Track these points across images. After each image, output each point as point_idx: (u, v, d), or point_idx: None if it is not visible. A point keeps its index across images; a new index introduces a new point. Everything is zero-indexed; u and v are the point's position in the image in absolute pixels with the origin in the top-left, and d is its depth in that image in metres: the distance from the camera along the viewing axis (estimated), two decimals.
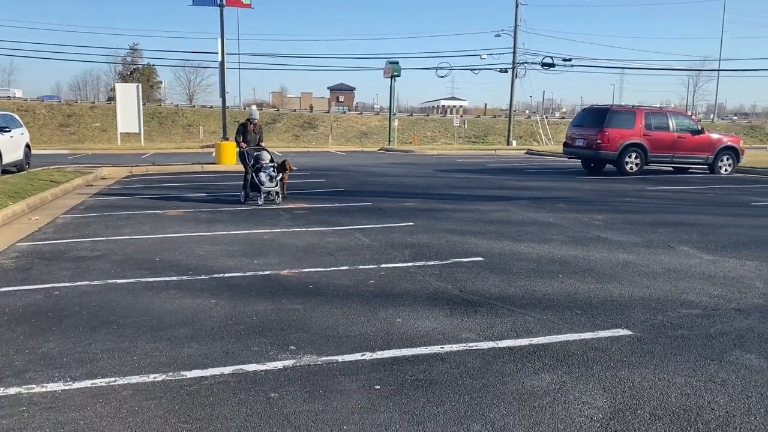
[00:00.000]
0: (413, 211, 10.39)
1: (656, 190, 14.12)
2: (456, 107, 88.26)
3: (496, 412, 3.27)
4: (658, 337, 4.44)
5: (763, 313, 4.98)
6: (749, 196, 13.12)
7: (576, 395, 3.49)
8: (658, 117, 17.97)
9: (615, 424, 3.16)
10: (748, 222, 9.59)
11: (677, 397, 3.48)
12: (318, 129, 50.72)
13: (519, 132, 48.42)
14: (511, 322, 4.73)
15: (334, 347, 4.19)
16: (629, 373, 3.80)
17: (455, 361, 3.97)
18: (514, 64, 39.83)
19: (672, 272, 6.29)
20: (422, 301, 5.28)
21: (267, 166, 11.45)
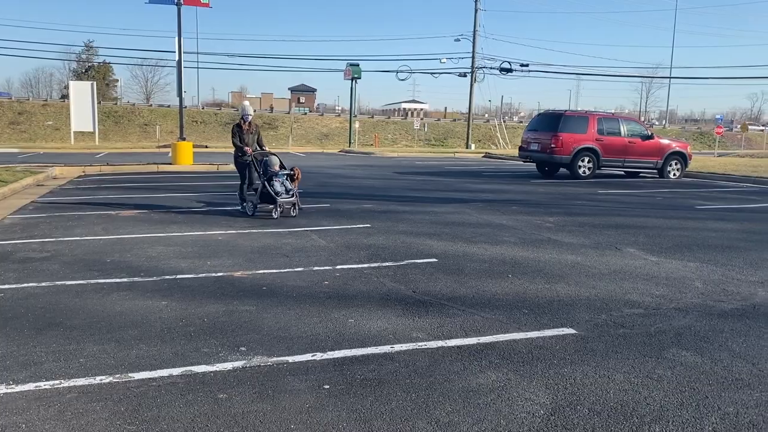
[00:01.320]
0: (371, 213, 10.45)
1: (607, 194, 14.52)
2: (417, 110, 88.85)
3: (442, 410, 3.35)
4: (600, 335, 4.60)
5: (701, 312, 5.20)
6: (695, 200, 13.61)
7: (520, 392, 3.59)
8: (610, 122, 18.47)
9: (555, 419, 3.27)
10: (692, 225, 9.95)
11: (616, 393, 3.62)
12: (278, 130, 50.39)
13: (478, 135, 49.05)
14: (460, 322, 4.83)
15: (285, 348, 4.21)
16: (571, 370, 3.93)
17: (404, 361, 4.04)
18: (473, 69, 40.34)
19: (617, 273, 6.50)
20: (375, 301, 5.34)
21: (279, 173, 9.97)
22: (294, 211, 9.86)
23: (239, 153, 10.37)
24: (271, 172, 9.87)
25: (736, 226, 9.90)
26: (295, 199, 9.83)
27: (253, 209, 9.96)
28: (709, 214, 11.36)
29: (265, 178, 9.78)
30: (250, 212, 9.94)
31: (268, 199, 9.75)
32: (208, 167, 19.85)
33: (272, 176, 9.82)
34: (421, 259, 6.98)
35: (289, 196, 9.80)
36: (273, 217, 9.49)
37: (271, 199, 9.68)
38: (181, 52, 20.27)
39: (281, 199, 9.66)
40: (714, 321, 4.98)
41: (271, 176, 9.80)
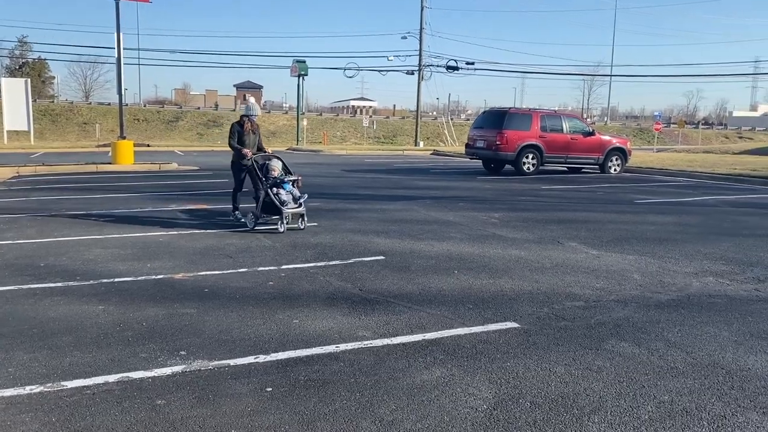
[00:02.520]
0: (318, 212, 10.36)
1: (550, 189, 14.83)
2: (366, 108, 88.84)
3: (386, 408, 3.33)
4: (542, 328, 4.67)
5: (639, 304, 5.35)
6: (634, 194, 14.04)
7: (463, 387, 3.61)
8: (553, 120, 18.87)
9: (498, 413, 3.30)
10: (631, 219, 10.26)
11: (557, 385, 3.68)
12: (224, 127, 49.51)
13: (426, 133, 49.40)
14: (406, 319, 4.83)
15: (226, 351, 4.12)
16: (514, 364, 3.98)
17: (349, 360, 4.00)
18: (420, 67, 40.58)
19: (560, 267, 6.63)
20: (321, 301, 5.29)
21: (285, 180, 8.68)
22: (302, 223, 8.56)
23: (237, 156, 9.14)
24: (274, 178, 8.60)
25: (672, 219, 10.25)
26: (303, 209, 8.59)
27: (254, 222, 8.60)
28: (647, 207, 11.74)
29: (267, 186, 8.48)
30: (250, 225, 8.58)
31: (271, 209, 8.48)
32: (149, 167, 19.33)
33: (276, 183, 8.55)
34: (368, 257, 6.96)
35: (296, 206, 8.54)
36: (279, 231, 8.23)
37: (275, 210, 8.42)
38: (120, 48, 19.66)
39: (287, 209, 8.37)
40: (651, 312, 5.13)
41: (274, 183, 8.52)
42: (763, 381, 3.78)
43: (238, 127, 9.18)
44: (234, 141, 9.11)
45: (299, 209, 8.52)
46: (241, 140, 9.08)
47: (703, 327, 4.77)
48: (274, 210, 8.44)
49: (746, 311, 5.19)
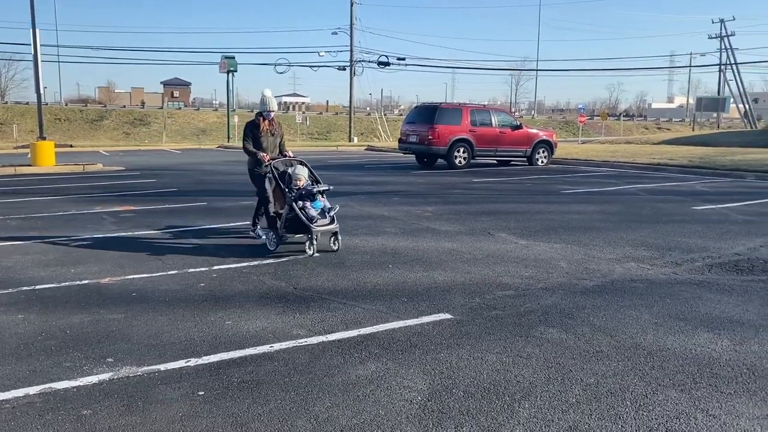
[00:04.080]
0: (250, 210, 10.17)
1: (481, 182, 15.13)
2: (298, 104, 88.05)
3: (321, 405, 3.33)
4: (475, 318, 4.77)
5: (566, 291, 5.54)
6: (560, 185, 14.51)
7: (398, 380, 3.65)
8: (482, 114, 19.25)
9: (432, 404, 3.35)
10: (558, 208, 10.60)
11: (489, 373, 3.77)
12: (151, 126, 48.05)
13: (360, 129, 49.42)
14: (341, 315, 4.83)
15: (156, 356, 4.01)
16: (448, 354, 4.05)
17: (284, 359, 3.97)
18: (352, 62, 40.55)
19: (491, 257, 6.78)
20: (254, 301, 5.22)
21: (313, 190, 7.06)
22: (336, 243, 7.08)
23: (254, 162, 7.66)
24: (299, 189, 7.06)
25: (596, 207, 10.66)
26: (336, 225, 7.08)
27: (276, 242, 7.07)
28: (572, 197, 12.16)
29: (292, 198, 6.94)
30: (272, 246, 7.08)
31: (296, 227, 6.94)
32: (72, 168, 18.52)
33: (302, 196, 7.00)
34: (302, 254, 6.91)
35: (328, 222, 7.01)
36: (307, 253, 6.80)
37: (301, 228, 6.89)
38: (37, 44, 18.70)
39: (317, 226, 6.84)
40: (577, 298, 5.32)
41: (300, 196, 6.99)
42: (681, 360, 3.99)
43: (252, 127, 7.62)
44: (249, 144, 7.57)
45: (332, 226, 6.99)
46: (258, 143, 7.57)
47: (626, 311, 4.99)
48: (300, 228, 6.91)
49: (665, 294, 5.46)
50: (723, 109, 54.58)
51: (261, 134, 7.57)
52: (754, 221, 9.19)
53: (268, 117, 7.62)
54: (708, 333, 4.48)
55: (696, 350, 4.16)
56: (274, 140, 7.70)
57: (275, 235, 7.10)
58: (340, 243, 7.09)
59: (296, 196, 6.94)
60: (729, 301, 5.25)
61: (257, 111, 7.77)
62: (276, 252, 6.95)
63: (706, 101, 55.81)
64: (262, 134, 7.57)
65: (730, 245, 7.44)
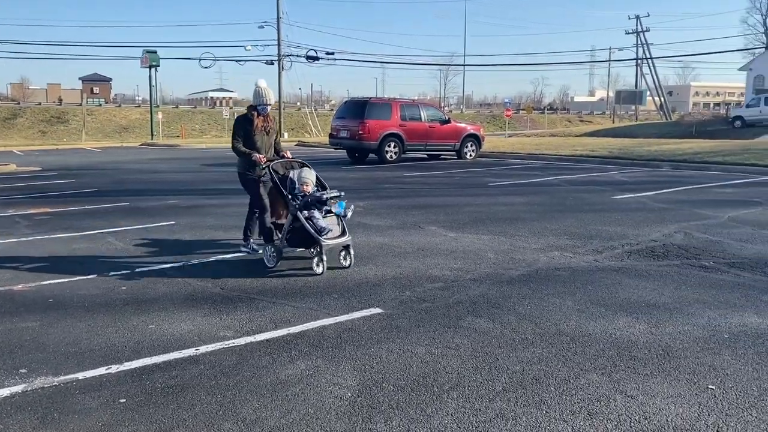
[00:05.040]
0: (175, 209, 9.93)
1: (412, 176, 15.26)
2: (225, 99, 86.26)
3: (249, 407, 3.26)
4: (405, 312, 4.80)
5: (493, 281, 5.65)
6: (488, 177, 14.81)
7: (328, 378, 3.62)
8: (412, 109, 19.42)
9: (362, 399, 3.35)
10: (486, 201, 10.82)
11: (418, 365, 3.80)
12: (69, 124, 45.93)
13: (291, 124, 48.89)
14: (270, 315, 4.75)
15: (74, 364, 3.82)
16: (378, 349, 4.05)
17: (210, 362, 3.87)
18: (280, 57, 40.00)
19: (421, 251, 6.85)
20: (179, 303, 5.07)
21: (323, 197, 6.15)
22: (348, 258, 6.19)
23: (247, 164, 6.57)
24: (304, 195, 6.10)
25: (522, 199, 10.94)
26: (349, 237, 6.21)
27: (276, 258, 6.15)
28: (499, 189, 12.44)
29: (297, 207, 6.06)
30: (271, 263, 6.17)
31: (302, 240, 6.06)
32: None
33: (307, 204, 6.07)
34: (230, 254, 6.77)
35: (339, 233, 6.15)
36: (315, 272, 5.87)
37: (307, 241, 6.02)
38: None
39: (328, 240, 5.94)
40: (504, 288, 5.44)
41: (306, 204, 6.07)
42: (602, 344, 4.14)
43: (244, 123, 6.58)
44: (240, 143, 6.53)
45: (344, 238, 6.11)
46: (250, 142, 6.53)
47: (550, 298, 5.14)
48: (305, 241, 6.04)
49: (587, 281, 5.66)
50: (640, 101, 57.20)
51: (254, 132, 6.53)
52: (669, 209, 9.66)
53: (264, 112, 6.56)
54: (627, 317, 4.67)
55: (616, 334, 4.32)
56: (269, 139, 6.69)
57: (274, 250, 6.18)
58: (352, 258, 6.16)
59: (302, 204, 6.01)
60: (646, 285, 5.50)
61: (249, 105, 6.68)
62: (276, 269, 6.05)
63: (625, 94, 58.34)
64: (256, 132, 6.53)
65: (647, 232, 7.80)
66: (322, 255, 5.92)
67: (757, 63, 51.07)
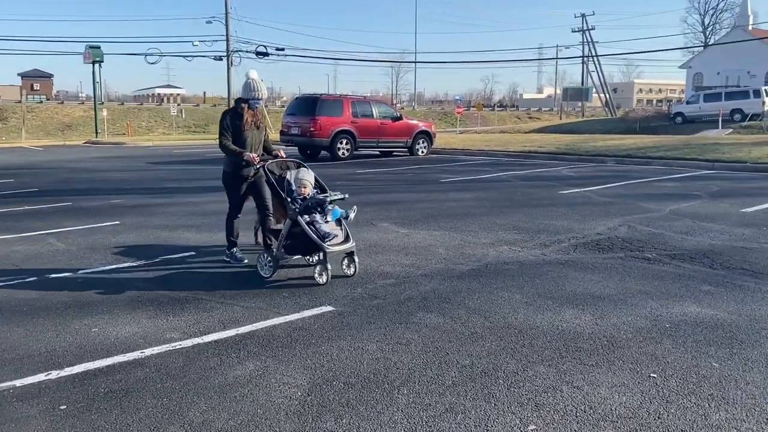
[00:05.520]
0: (120, 209, 9.66)
1: (364, 173, 15.25)
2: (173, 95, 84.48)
3: (197, 410, 3.19)
4: (356, 309, 4.79)
5: (443, 276, 5.69)
6: (439, 174, 14.93)
7: (278, 377, 3.58)
8: (363, 105, 19.41)
9: (312, 398, 3.32)
10: (437, 197, 10.90)
11: (369, 362, 3.79)
12: (8, 122, 44.12)
13: None
14: (218, 315, 4.67)
15: (11, 371, 3.67)
16: (329, 347, 4.03)
17: (156, 364, 3.77)
18: (229, 52, 39.40)
19: (373, 247, 6.84)
20: (124, 305, 4.92)
21: (327, 199, 5.67)
22: (352, 266, 5.72)
23: (236, 164, 6.01)
24: (304, 198, 5.61)
25: (472, 195, 11.07)
26: (353, 243, 5.69)
27: (273, 267, 5.63)
28: (450, 186, 12.55)
29: (297, 211, 5.53)
30: (268, 273, 5.64)
31: (302, 246, 5.58)
32: None
33: (307, 208, 5.57)
34: (177, 253, 6.62)
35: (343, 239, 5.65)
36: (318, 282, 5.41)
37: (308, 248, 5.60)
38: None
39: (331, 246, 5.46)
40: (454, 282, 5.48)
41: (306, 208, 5.57)
42: (549, 336, 4.22)
43: (233, 118, 5.98)
44: (228, 141, 5.95)
45: (348, 245, 5.62)
46: (240, 138, 5.95)
47: (499, 292, 5.21)
48: (306, 248, 5.60)
49: (535, 274, 5.76)
50: (586, 98, 58.65)
51: (244, 127, 5.94)
52: (613, 202, 9.93)
53: (255, 106, 6.00)
54: (573, 309, 4.77)
55: (562, 326, 4.41)
56: (260, 135, 6.11)
57: (271, 259, 5.63)
58: (357, 265, 5.70)
59: (302, 208, 5.52)
60: (591, 278, 5.63)
61: (238, 97, 6.14)
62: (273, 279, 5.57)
63: (572, 91, 59.72)
64: (246, 127, 5.95)
65: (592, 226, 7.99)
66: (326, 263, 5.43)
67: (696, 61, 52.99)
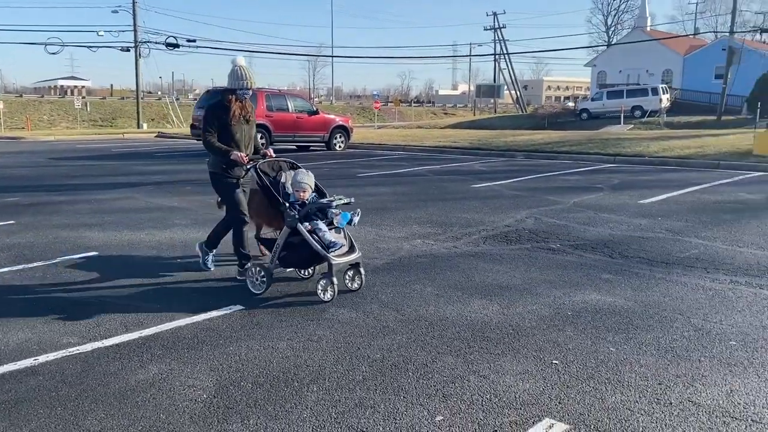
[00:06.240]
0: (16, 207, 9.07)
1: None
2: (77, 87, 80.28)
3: (94, 417, 3.04)
4: (267, 307, 4.70)
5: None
6: (357, 168, 14.94)
7: (182, 380, 3.46)
8: (279, 99, 19.13)
9: (218, 401, 3.23)
10: (354, 191, 10.85)
11: (278, 361, 3.73)
12: None
13: (150, 114, 46.39)
14: (121, 318, 4.46)
15: None
16: (237, 347, 3.94)
17: (50, 372, 3.56)
18: (137, 43, 37.82)
19: None
20: (17, 311, 4.62)
21: (332, 204, 5.04)
22: (357, 279, 5.14)
23: (223, 164, 5.33)
24: (303, 203, 4.98)
25: (388, 189, 11.15)
26: (359, 254, 5.09)
27: (267, 282, 4.98)
28: (368, 180, 12.59)
29: (298, 218, 4.86)
30: (259, 289, 4.99)
31: (301, 258, 5.02)
32: None
33: (308, 214, 4.94)
34: (78, 254, 6.28)
35: (347, 249, 5.04)
36: (323, 299, 4.80)
37: (308, 260, 5.06)
38: None
39: (338, 256, 4.87)
40: (368, 277, 5.47)
41: (307, 214, 4.93)
42: (458, 327, 4.30)
43: (219, 112, 5.26)
44: (213, 136, 5.24)
45: (354, 255, 5.01)
46: (227, 135, 5.26)
47: (412, 285, 5.26)
48: (305, 259, 5.04)
49: (446, 266, 5.86)
50: (498, 95, 60.38)
51: (232, 121, 5.24)
52: (522, 196, 10.26)
53: (243, 97, 5.31)
54: (481, 300, 4.89)
55: (471, 316, 4.51)
56: (250, 130, 5.45)
57: (263, 272, 4.97)
58: (363, 278, 5.14)
59: (302, 215, 4.90)
60: (499, 269, 5.79)
61: (224, 88, 5.40)
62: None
63: (485, 88, 61.30)
64: (234, 121, 5.25)
65: (501, 218, 8.23)
66: (332, 277, 4.79)
67: (600, 60, 55.65)
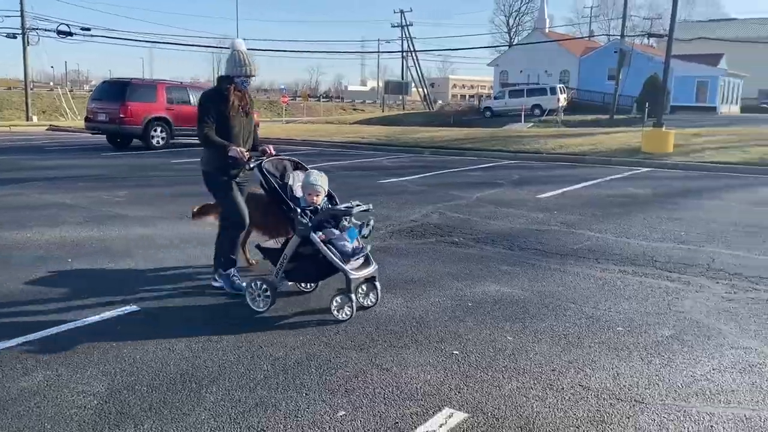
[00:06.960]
0: None
1: (181, 163, 14.56)
2: None
3: None
4: (165, 308, 4.54)
5: (261, 270, 5.59)
6: None
7: (71, 387, 3.27)
8: (180, 91, 18.47)
9: (110, 406, 3.08)
10: None
11: (176, 362, 3.60)
12: None
13: (42, 106, 43.48)
14: (4, 322, 4.16)
15: None
16: (132, 349, 3.77)
17: None
18: (24, 30, 35.31)
19: (185, 242, 6.56)
20: None
21: (351, 210, 4.33)
22: (373, 295, 4.62)
23: (220, 161, 4.71)
24: (316, 208, 4.39)
25: None
26: (375, 267, 4.51)
27: (272, 297, 4.42)
28: None
29: (311, 226, 4.29)
30: (263, 306, 4.43)
31: (311, 272, 4.54)
32: None
33: (320, 223, 4.37)
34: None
35: (363, 261, 4.49)
36: (339, 319, 4.30)
37: (320, 273, 4.49)
38: None
39: (355, 269, 4.35)
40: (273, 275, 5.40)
41: (319, 222, 4.35)
42: (362, 321, 4.30)
43: (217, 101, 4.67)
44: (210, 129, 4.63)
45: (371, 268, 4.47)
46: (225, 128, 4.68)
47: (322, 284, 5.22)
48: (317, 272, 4.49)
49: None
50: (406, 92, 61.11)
51: (231, 113, 4.68)
52: (427, 191, 10.46)
53: (243, 86, 4.75)
54: (387, 294, 4.92)
55: (376, 310, 4.54)
56: (249, 124, 4.90)
57: (267, 287, 4.41)
58: (379, 293, 4.62)
59: (315, 223, 4.32)
60: (405, 263, 5.87)
61: (221, 76, 4.79)
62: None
63: (393, 85, 61.85)
64: (232, 113, 4.69)
65: (407, 213, 8.34)
66: (350, 293, 4.27)
67: (502, 60, 57.60)
